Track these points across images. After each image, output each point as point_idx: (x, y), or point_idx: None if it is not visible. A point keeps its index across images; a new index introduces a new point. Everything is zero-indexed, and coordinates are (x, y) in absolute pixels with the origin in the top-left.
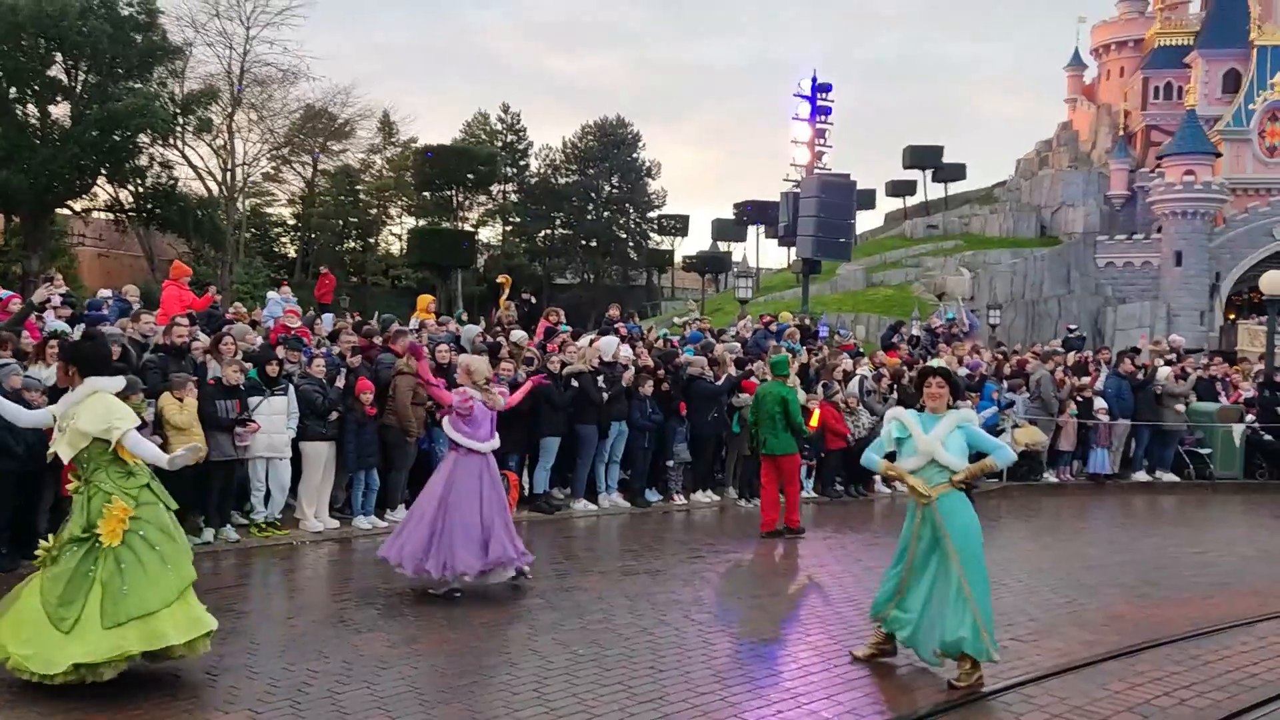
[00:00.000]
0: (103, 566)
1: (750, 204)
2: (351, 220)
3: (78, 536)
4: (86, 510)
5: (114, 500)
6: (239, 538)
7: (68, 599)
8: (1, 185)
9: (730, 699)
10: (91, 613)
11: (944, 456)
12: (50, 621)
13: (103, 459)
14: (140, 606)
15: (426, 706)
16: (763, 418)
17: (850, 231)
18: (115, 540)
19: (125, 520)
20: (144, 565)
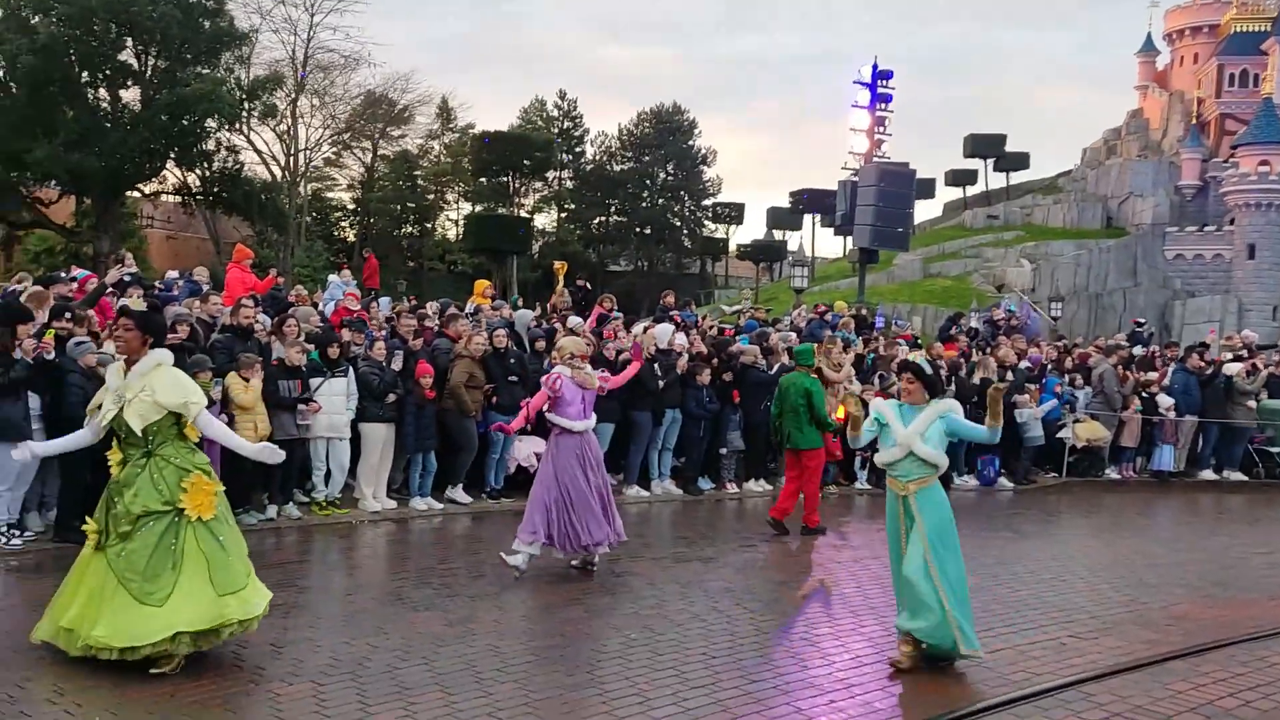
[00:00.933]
0: (190, 539)
1: (806, 192)
2: (409, 205)
3: (156, 510)
4: (161, 483)
5: (193, 475)
6: (301, 515)
7: (153, 573)
8: (74, 168)
9: (783, 686)
10: (190, 584)
11: (921, 449)
12: (135, 598)
13: (170, 433)
14: (233, 583)
15: (483, 685)
16: (786, 410)
17: (908, 221)
18: (209, 513)
19: (214, 494)
20: (233, 541)
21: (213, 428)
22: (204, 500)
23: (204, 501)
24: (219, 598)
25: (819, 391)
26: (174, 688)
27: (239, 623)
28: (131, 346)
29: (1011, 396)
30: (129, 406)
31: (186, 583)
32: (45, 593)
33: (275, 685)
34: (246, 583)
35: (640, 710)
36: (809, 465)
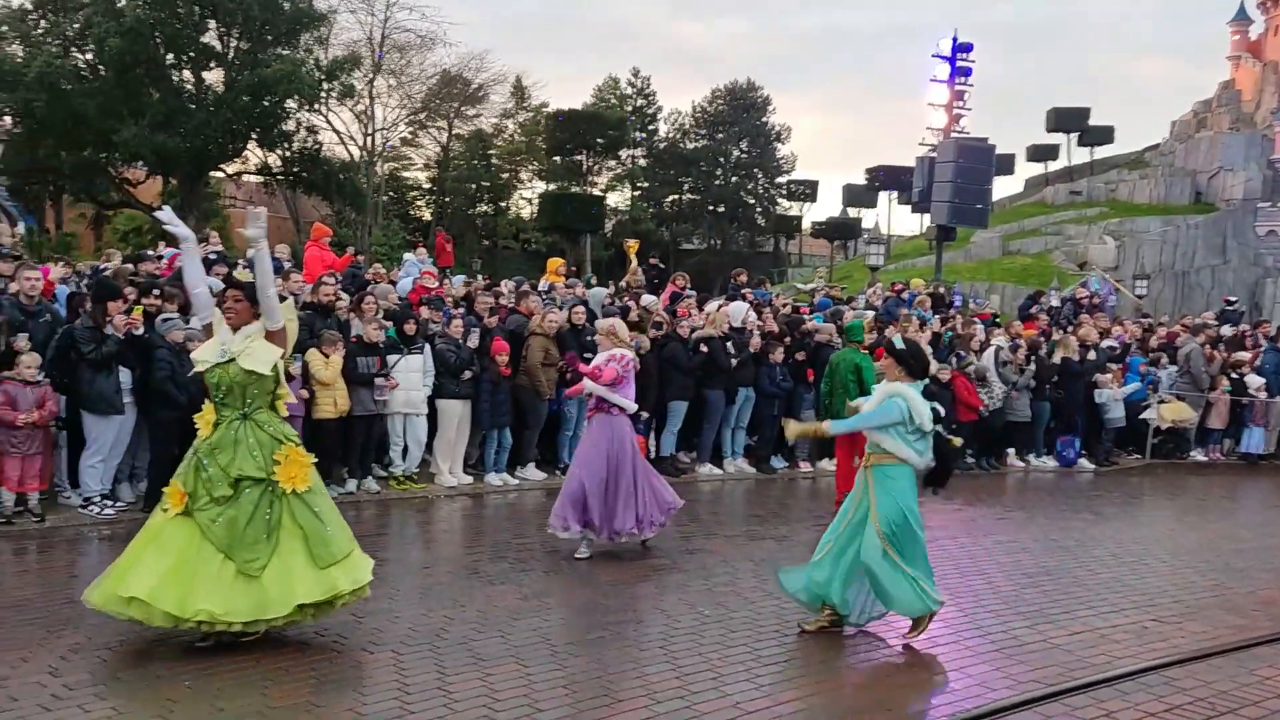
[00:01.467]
0: (286, 510)
1: (882, 169)
2: (484, 184)
3: (252, 476)
4: (257, 450)
5: (287, 445)
6: (379, 489)
7: (250, 540)
8: (160, 148)
9: (857, 665)
10: (288, 558)
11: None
12: (240, 570)
13: (266, 398)
14: (332, 555)
15: (558, 658)
16: (836, 387)
17: (987, 197)
18: (303, 485)
19: (308, 466)
20: (330, 510)
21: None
22: (298, 473)
23: (298, 474)
24: (321, 571)
25: (870, 368)
26: (260, 655)
27: (350, 592)
28: (242, 317)
29: (1093, 375)
30: (244, 356)
31: (284, 556)
32: None
33: (357, 654)
34: (350, 550)
35: (713, 685)
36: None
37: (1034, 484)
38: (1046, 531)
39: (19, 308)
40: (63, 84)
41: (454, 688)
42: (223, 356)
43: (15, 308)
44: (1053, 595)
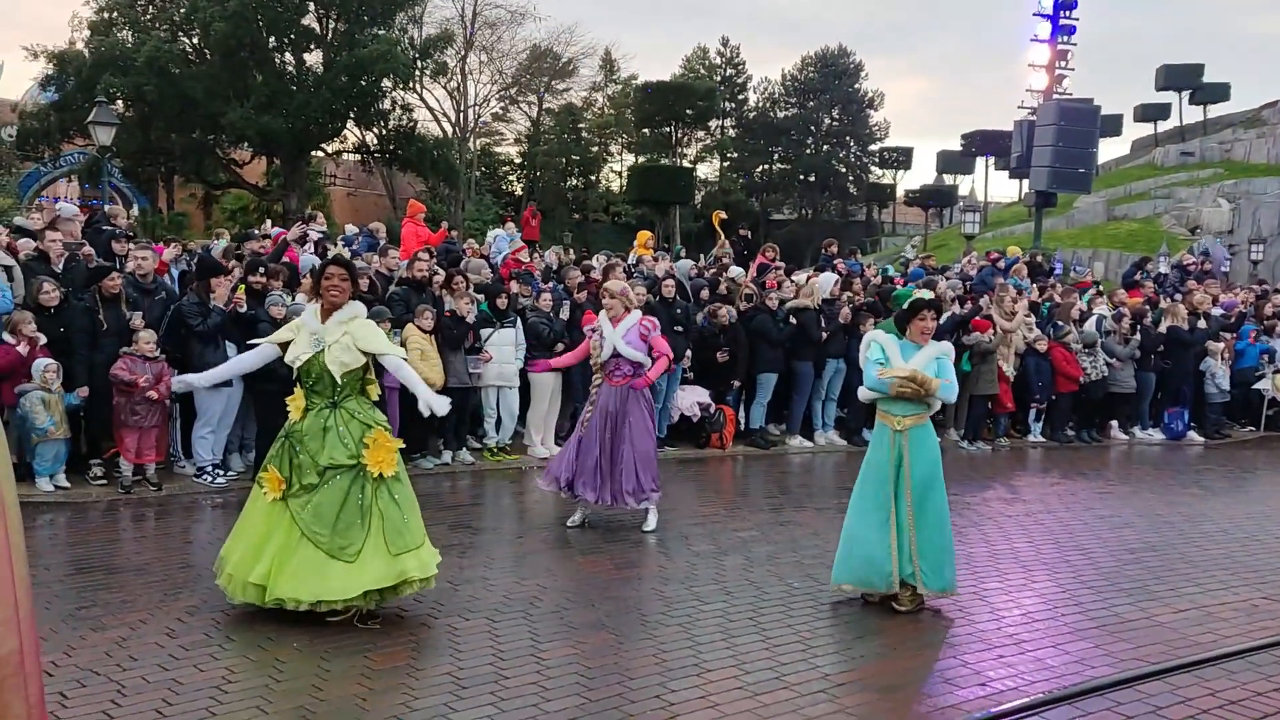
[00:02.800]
0: (374, 495)
1: (979, 134)
2: (574, 158)
3: (341, 463)
4: (348, 435)
5: (377, 430)
6: (473, 460)
7: (345, 527)
8: (264, 129)
9: (950, 640)
10: (375, 541)
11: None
12: (327, 553)
13: (356, 386)
14: (414, 539)
15: (648, 628)
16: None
17: (1091, 161)
18: (390, 470)
19: (395, 451)
20: (408, 501)
21: (403, 372)
22: (386, 457)
23: (386, 458)
24: (394, 556)
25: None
26: (359, 618)
27: (420, 580)
28: (344, 296)
29: (1203, 344)
30: (329, 351)
31: (374, 539)
32: None
33: (453, 620)
34: (422, 541)
35: (803, 655)
36: None
37: (1139, 457)
38: (1151, 506)
39: (135, 285)
40: (171, 68)
41: (546, 654)
42: (317, 347)
43: (131, 286)
44: (1157, 572)
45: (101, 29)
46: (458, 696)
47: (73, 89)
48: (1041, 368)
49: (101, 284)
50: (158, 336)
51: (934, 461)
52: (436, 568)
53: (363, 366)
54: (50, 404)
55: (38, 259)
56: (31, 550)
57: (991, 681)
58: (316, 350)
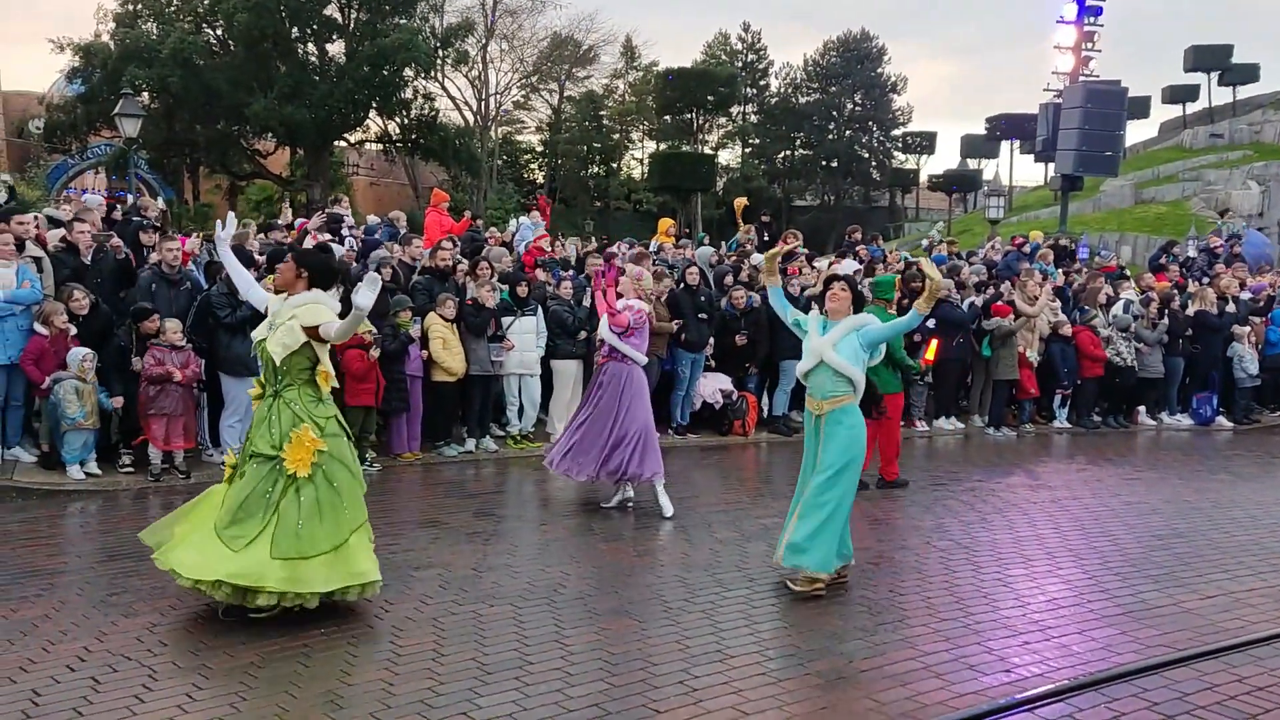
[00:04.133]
0: (283, 493)
1: (1004, 118)
2: (595, 146)
3: (263, 453)
4: (277, 426)
5: (303, 426)
6: (496, 448)
7: (242, 518)
8: (287, 119)
9: (974, 627)
10: (263, 540)
11: (832, 357)
12: (220, 539)
13: (300, 375)
14: (299, 550)
15: (671, 614)
16: None
17: (1118, 144)
18: (303, 471)
19: (314, 453)
20: (319, 506)
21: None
22: (301, 456)
23: (301, 457)
24: (269, 560)
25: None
26: (387, 604)
27: (294, 594)
28: (285, 279)
29: (1231, 328)
30: (271, 335)
31: (263, 539)
32: None
33: (477, 607)
34: (314, 554)
35: (829, 643)
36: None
37: (1166, 443)
38: (1179, 492)
39: (162, 276)
40: (195, 59)
41: (570, 641)
42: (268, 330)
43: (158, 276)
44: (1184, 558)
45: (126, 21)
46: (482, 682)
47: (98, 81)
48: (1066, 353)
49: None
50: (184, 326)
51: (846, 448)
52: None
53: (308, 355)
54: (83, 394)
55: (66, 250)
56: (63, 537)
57: (1017, 668)
58: (266, 334)
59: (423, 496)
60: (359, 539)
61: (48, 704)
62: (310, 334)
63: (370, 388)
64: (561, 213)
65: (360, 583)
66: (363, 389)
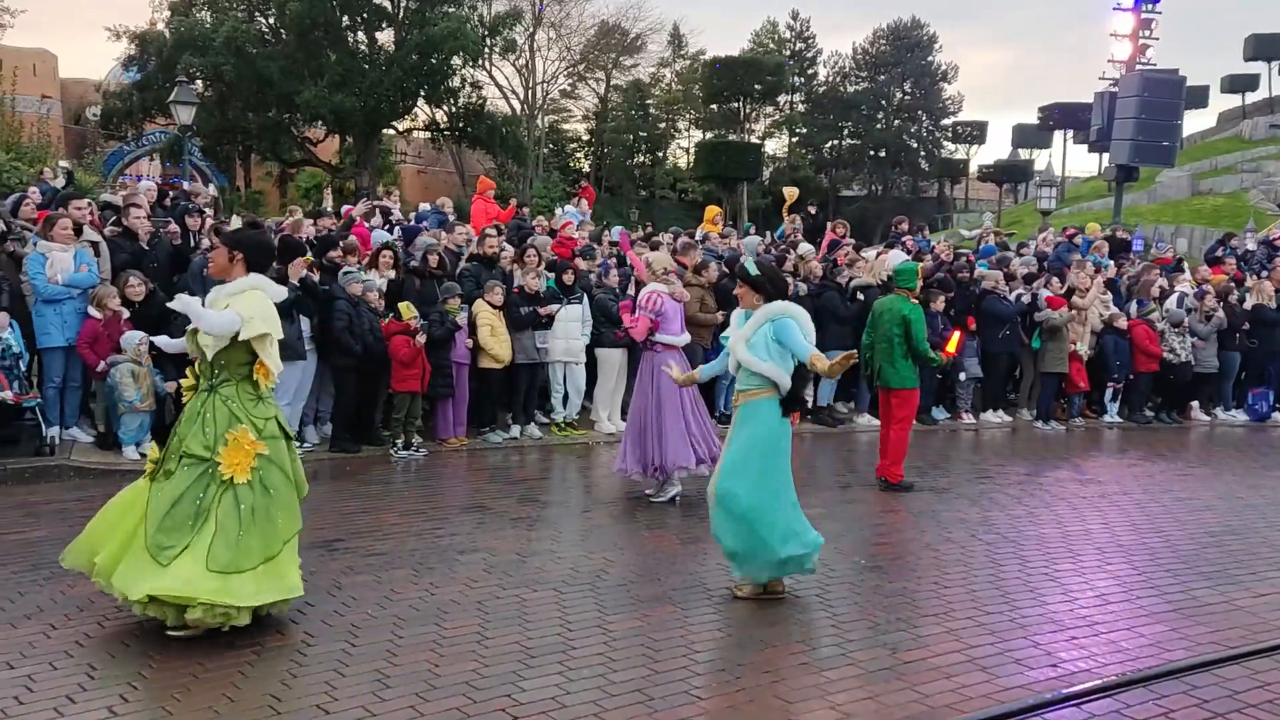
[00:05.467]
0: (218, 500)
1: (1057, 107)
2: (641, 135)
3: (196, 454)
4: (212, 425)
5: (241, 428)
6: (541, 435)
7: (170, 526)
8: (337, 108)
9: (1020, 621)
10: (197, 550)
11: (741, 353)
12: (147, 548)
13: (238, 370)
14: (236, 563)
15: (715, 604)
16: (878, 340)
17: (1175, 134)
18: (241, 476)
19: (254, 456)
20: (254, 514)
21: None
22: (240, 460)
23: (240, 461)
24: (206, 572)
25: (919, 320)
26: (433, 587)
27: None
28: (218, 265)
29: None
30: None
31: (195, 550)
32: (323, 500)
33: (521, 591)
34: (250, 566)
35: (870, 635)
36: (899, 408)
37: (1221, 439)
38: (1233, 489)
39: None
40: (248, 48)
41: (613, 626)
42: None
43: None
44: (1238, 555)
45: (181, 10)
46: (526, 666)
47: (154, 69)
48: (1120, 346)
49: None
50: None
51: (748, 446)
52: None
53: (245, 349)
54: (139, 377)
55: (123, 235)
56: None
57: (1063, 663)
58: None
59: (468, 482)
60: (289, 551)
61: (105, 675)
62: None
63: (416, 373)
64: (607, 201)
65: (283, 598)
66: (409, 374)
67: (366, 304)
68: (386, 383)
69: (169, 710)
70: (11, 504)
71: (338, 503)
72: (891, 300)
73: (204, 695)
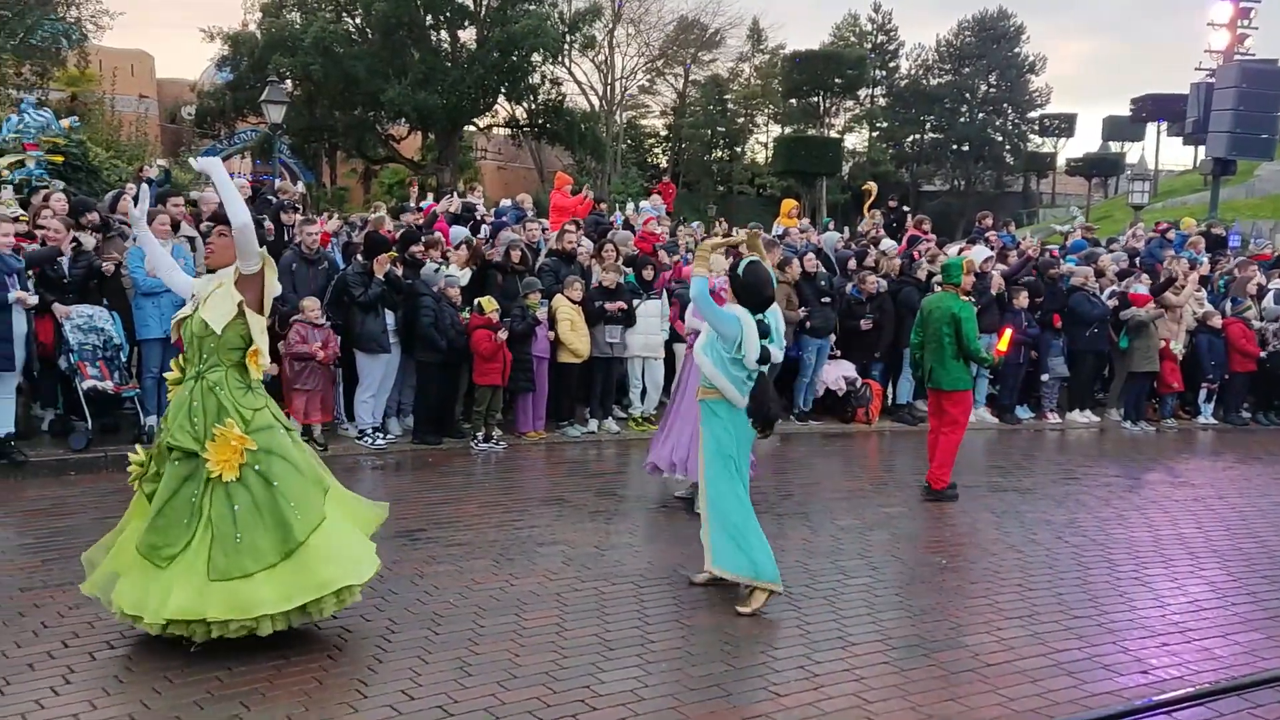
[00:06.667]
0: (210, 500)
1: (1150, 98)
2: (719, 130)
3: (183, 446)
4: (200, 415)
5: (228, 422)
6: (618, 430)
7: (162, 525)
8: (420, 105)
9: (1108, 625)
10: (197, 555)
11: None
12: (140, 552)
13: (230, 355)
14: (241, 566)
15: (792, 600)
16: (928, 339)
17: (1275, 126)
18: (231, 474)
19: (241, 452)
20: (259, 511)
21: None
22: (227, 456)
23: (227, 458)
24: (208, 583)
25: (970, 318)
26: (513, 578)
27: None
28: (222, 256)
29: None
30: (204, 305)
31: (196, 549)
32: (406, 490)
33: (600, 584)
34: (255, 569)
35: (952, 634)
36: (950, 410)
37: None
38: None
39: (301, 256)
40: (336, 48)
41: (691, 621)
42: (194, 306)
43: (298, 257)
44: None
45: (272, 11)
46: (605, 658)
47: (245, 69)
48: (1214, 345)
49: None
50: (322, 304)
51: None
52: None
53: (240, 332)
54: None
55: None
56: None
57: (1154, 669)
58: (192, 310)
59: (547, 475)
60: (321, 539)
61: None
62: (244, 288)
63: (497, 367)
64: (685, 197)
65: (331, 590)
66: (490, 368)
67: (448, 299)
68: (467, 376)
69: (262, 692)
70: (112, 489)
71: (420, 493)
72: (940, 297)
73: (294, 677)
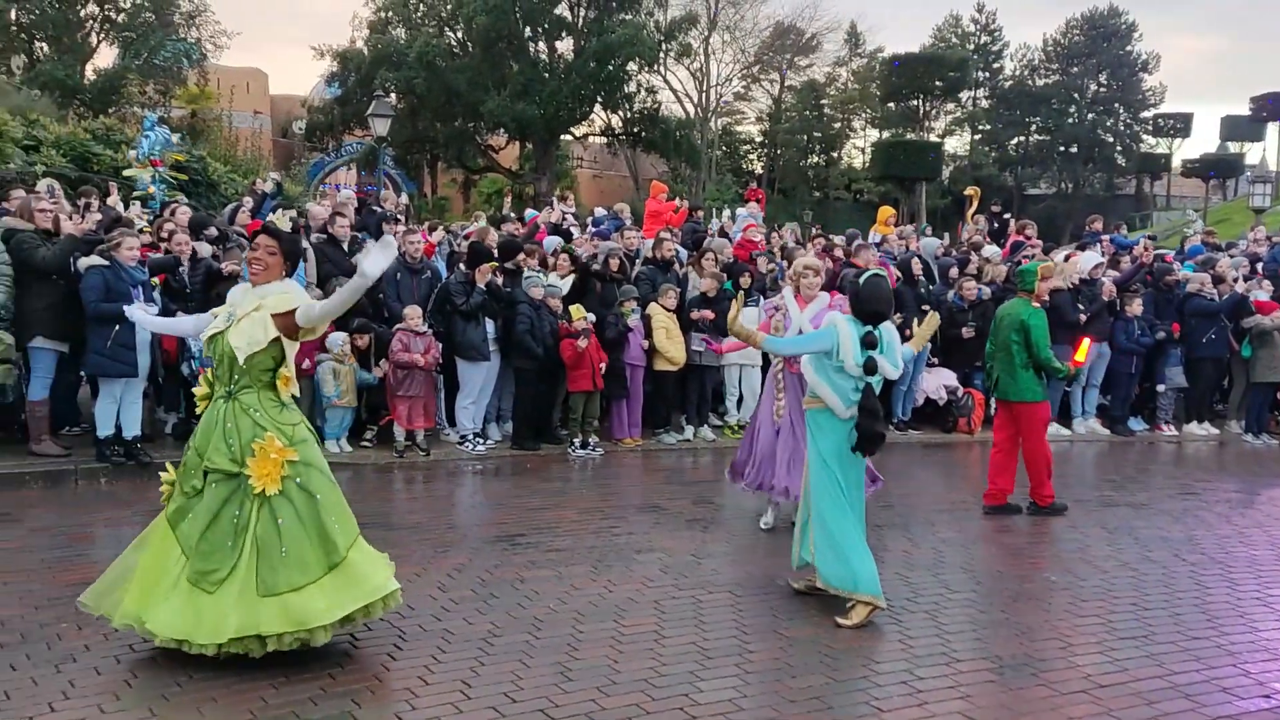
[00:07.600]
0: (255, 516)
1: (1272, 97)
2: (815, 135)
3: (222, 469)
4: (235, 436)
5: (267, 436)
6: (714, 438)
7: (210, 548)
8: (519, 116)
9: (1228, 648)
10: (245, 573)
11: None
12: (189, 580)
13: (261, 377)
14: (289, 581)
15: (894, 613)
16: (998, 348)
17: None
18: (274, 488)
19: (283, 464)
20: (303, 524)
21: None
22: (269, 470)
23: (269, 472)
24: (260, 599)
25: (1040, 326)
26: (611, 584)
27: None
28: (270, 274)
29: None
30: (235, 327)
31: (243, 573)
32: (505, 495)
33: (697, 592)
34: (318, 576)
35: (1063, 653)
36: (1026, 422)
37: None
38: None
39: (405, 266)
40: (438, 62)
41: (789, 632)
42: (228, 322)
43: (402, 266)
44: None
45: (379, 28)
46: (703, 667)
47: (353, 84)
48: None
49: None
50: (424, 313)
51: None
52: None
53: (273, 354)
54: (340, 374)
55: (328, 243)
56: None
57: (1277, 694)
58: (226, 325)
59: (643, 482)
60: (358, 553)
61: None
62: (282, 325)
63: (585, 373)
64: (780, 203)
65: (380, 596)
66: (579, 375)
67: (547, 307)
68: (564, 383)
69: (370, 690)
70: None
71: (519, 499)
72: (1012, 304)
73: (399, 678)
